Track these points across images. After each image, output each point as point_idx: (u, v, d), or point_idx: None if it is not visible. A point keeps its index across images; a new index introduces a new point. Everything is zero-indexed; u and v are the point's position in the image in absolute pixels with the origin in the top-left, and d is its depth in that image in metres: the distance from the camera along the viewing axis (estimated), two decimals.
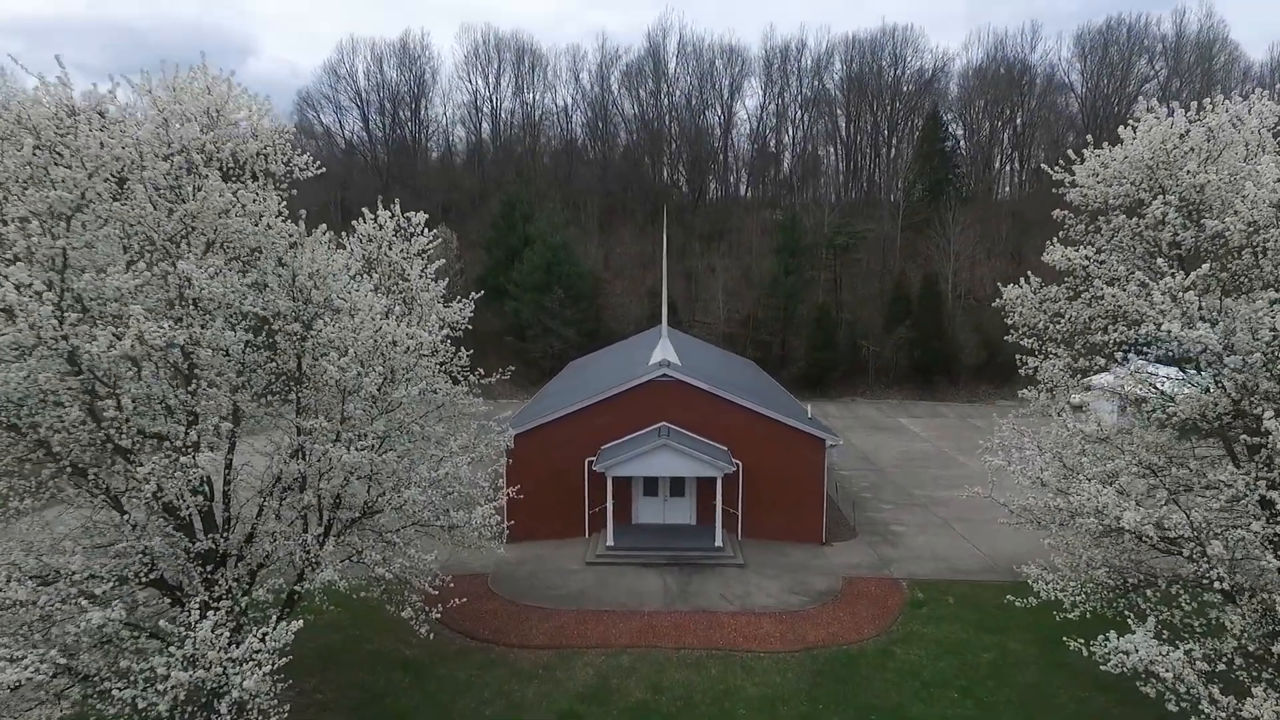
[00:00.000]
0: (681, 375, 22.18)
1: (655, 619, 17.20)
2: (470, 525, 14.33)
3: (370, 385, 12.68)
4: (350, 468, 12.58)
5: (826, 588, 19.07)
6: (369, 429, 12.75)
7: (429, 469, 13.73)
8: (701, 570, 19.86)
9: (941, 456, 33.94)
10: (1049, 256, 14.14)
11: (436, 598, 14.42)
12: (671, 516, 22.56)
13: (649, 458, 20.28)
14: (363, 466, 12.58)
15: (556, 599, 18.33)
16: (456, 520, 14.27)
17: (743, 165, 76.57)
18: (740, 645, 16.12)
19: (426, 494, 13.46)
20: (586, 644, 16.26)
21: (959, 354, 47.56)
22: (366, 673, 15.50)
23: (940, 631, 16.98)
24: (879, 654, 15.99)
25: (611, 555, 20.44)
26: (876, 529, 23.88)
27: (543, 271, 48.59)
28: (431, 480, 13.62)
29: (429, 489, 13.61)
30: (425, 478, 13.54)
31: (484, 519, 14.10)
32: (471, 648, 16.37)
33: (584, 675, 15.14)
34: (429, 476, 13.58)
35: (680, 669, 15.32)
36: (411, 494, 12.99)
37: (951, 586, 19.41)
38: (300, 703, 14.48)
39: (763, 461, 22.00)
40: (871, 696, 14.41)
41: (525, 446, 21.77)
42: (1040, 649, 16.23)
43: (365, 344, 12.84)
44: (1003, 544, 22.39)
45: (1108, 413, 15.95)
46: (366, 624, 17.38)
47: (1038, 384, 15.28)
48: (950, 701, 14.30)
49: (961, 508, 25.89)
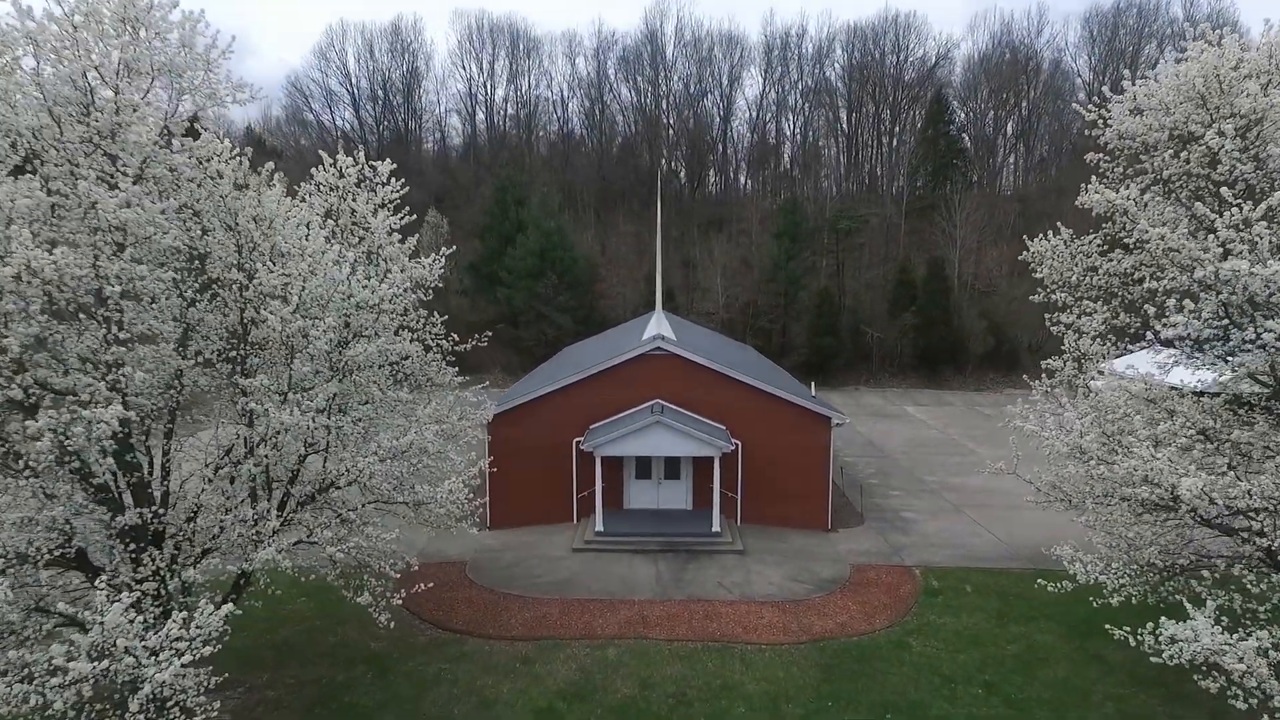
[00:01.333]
0: (676, 348, 20.67)
1: (646, 608, 15.69)
2: (437, 502, 12.85)
3: (321, 341, 11.19)
4: (302, 435, 11.12)
5: (833, 575, 17.56)
6: (319, 389, 11.23)
7: (390, 438, 12.21)
8: (697, 557, 18.35)
9: (951, 443, 32.44)
10: (1085, 199, 12.58)
11: (400, 582, 12.92)
12: (666, 501, 21.04)
13: (641, 436, 18.77)
14: (311, 432, 11.10)
15: (539, 587, 16.82)
16: (421, 495, 12.78)
17: (742, 157, 75.09)
18: (739, 636, 14.61)
19: (386, 465, 11.95)
20: (570, 635, 14.75)
21: (966, 341, 46.02)
22: (326, 667, 13.99)
23: (959, 622, 15.48)
24: (893, 646, 14.48)
25: (600, 541, 18.93)
26: (885, 516, 22.37)
27: (536, 257, 47.05)
28: (393, 450, 12.11)
29: (390, 460, 12.10)
30: (386, 447, 12.04)
31: (451, 494, 12.61)
32: (443, 639, 14.87)
33: (566, 669, 13.64)
34: (390, 446, 12.07)
35: (672, 662, 13.81)
36: (367, 463, 11.48)
37: (969, 574, 17.91)
38: (248, 700, 13.00)
39: (764, 442, 20.48)
40: (887, 693, 12.91)
41: (508, 426, 20.27)
42: (1070, 641, 14.74)
43: (314, 294, 11.36)
44: (1022, 531, 20.91)
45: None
46: (331, 616, 15.91)
47: (1063, 354, 13.79)
48: (975, 699, 12.79)
49: (975, 494, 24.45)
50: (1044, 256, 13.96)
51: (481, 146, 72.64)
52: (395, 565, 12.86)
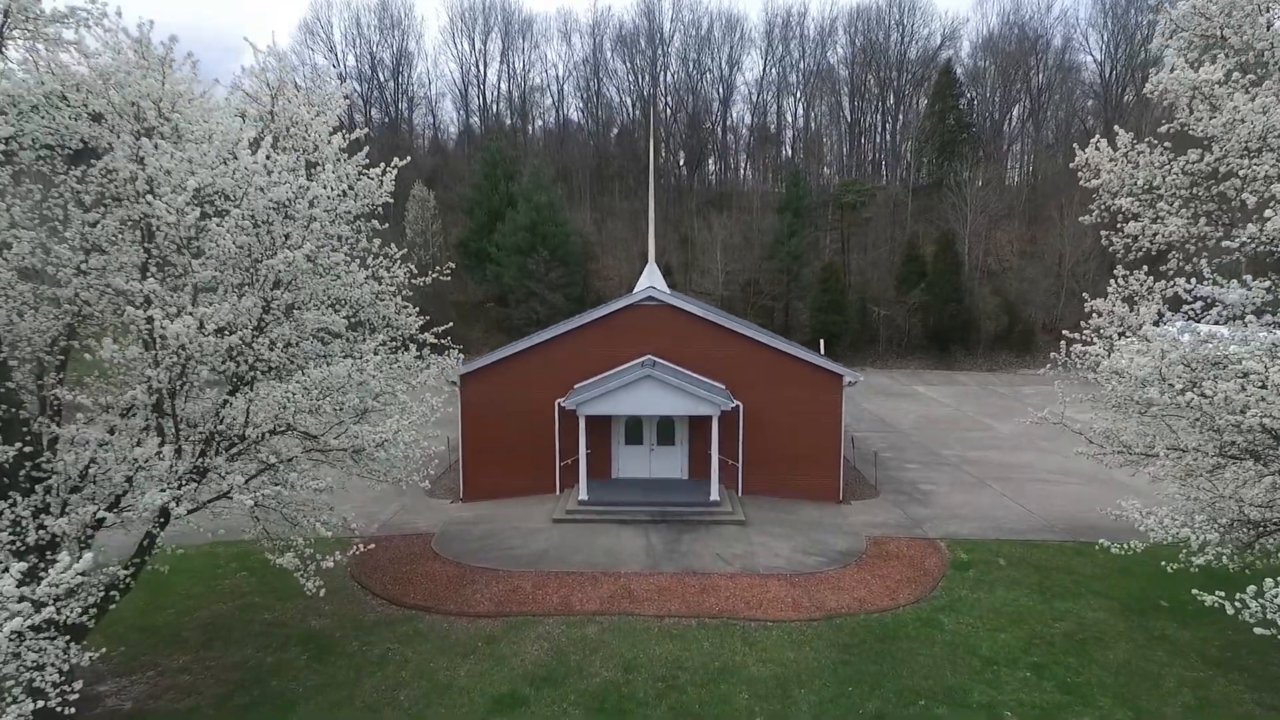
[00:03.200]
0: (670, 298, 18.56)
1: (633, 582, 13.57)
2: (380, 445, 10.72)
3: (227, 240, 9.06)
4: (207, 359, 9.01)
5: (847, 548, 15.45)
6: (228, 304, 9.08)
7: (317, 369, 10.08)
8: (694, 528, 16.23)
9: (966, 420, 30.32)
10: (1157, 83, 10.42)
11: (335, 545, 10.83)
12: (659, 469, 18.92)
13: (630, 392, 16.64)
14: (220, 357, 8.99)
15: (512, 560, 14.70)
16: (361, 438, 10.63)
17: (742, 145, 72.77)
18: (741, 612, 12.51)
19: (310, 398, 9.82)
20: (543, 611, 12.65)
21: (977, 320, 43.87)
22: (256, 648, 11.88)
23: (995, 598, 13.37)
24: (922, 624, 12.37)
25: (584, 511, 16.80)
26: (902, 488, 20.26)
27: (527, 231, 44.88)
28: (321, 383, 9.97)
29: (316, 394, 9.96)
30: (315, 379, 9.91)
31: (395, 434, 10.48)
32: (395, 617, 12.76)
33: (536, 649, 11.52)
34: (320, 378, 9.94)
35: (662, 641, 11.70)
36: (280, 391, 9.36)
37: (1000, 547, 15.81)
38: (156, 685, 10.89)
39: (768, 403, 18.37)
40: (918, 676, 10.79)
41: (482, 386, 18.19)
42: (1125, 619, 12.64)
43: (221, 186, 9.22)
44: (1054, 503, 18.85)
45: None
46: (273, 591, 13.83)
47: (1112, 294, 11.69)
48: (1023, 683, 10.67)
49: (997, 468, 22.36)
50: (1100, 164, 11.82)
51: (474, 125, 70.48)
52: (328, 522, 10.77)
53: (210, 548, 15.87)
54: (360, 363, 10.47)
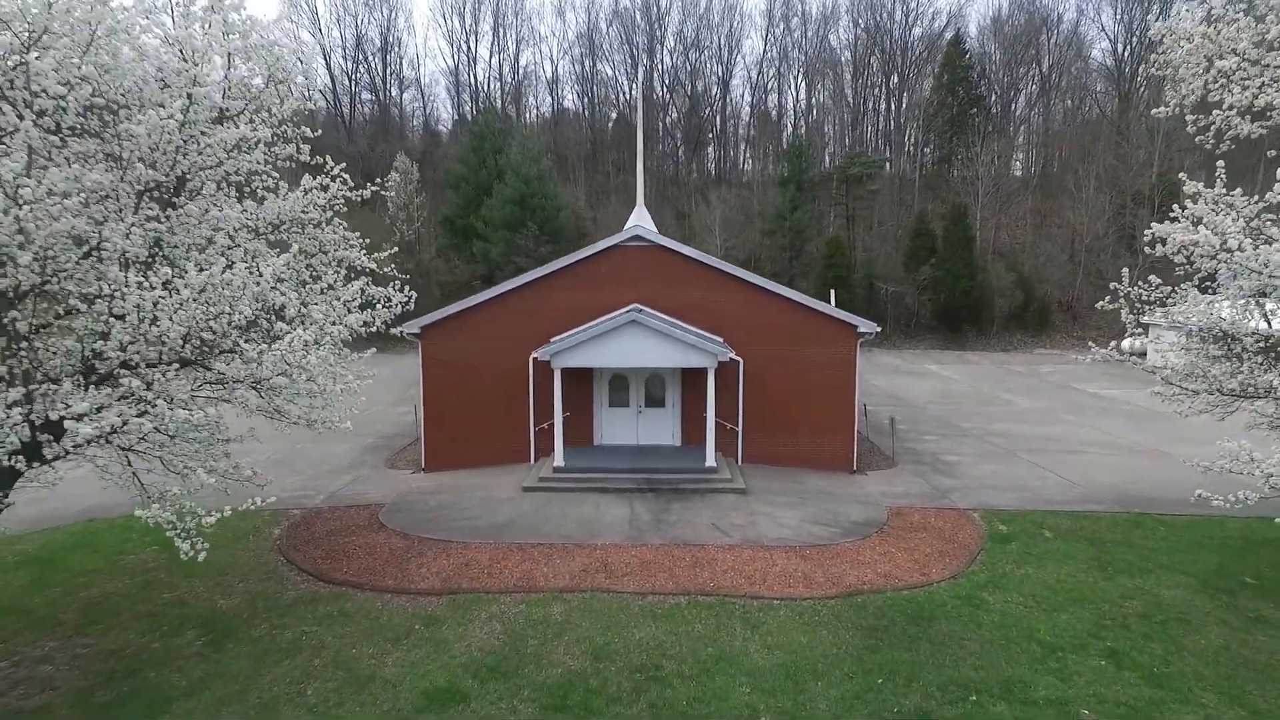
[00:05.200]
0: (660, 239, 16.29)
1: (611, 554, 11.31)
2: (287, 375, 8.44)
3: (51, 79, 6.79)
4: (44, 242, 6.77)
5: (866, 518, 13.19)
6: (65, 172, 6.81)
7: (199, 269, 7.81)
8: (686, 496, 13.97)
9: (983, 396, 28.04)
10: None
11: (269, 518, 8.57)
12: (648, 435, 16.66)
13: (612, 341, 14.37)
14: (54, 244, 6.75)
15: (470, 531, 12.44)
16: (260, 364, 8.33)
17: (741, 129, 70.25)
18: (741, 589, 10.24)
19: (188, 310, 7.52)
20: (499, 588, 10.39)
21: (990, 297, 41.55)
22: (142, 632, 9.62)
23: (1047, 573, 11.11)
24: (962, 603, 10.11)
25: (559, 479, 14.53)
26: (921, 458, 18.00)
27: (515, 205, 42.56)
28: (202, 290, 7.68)
29: (194, 303, 7.67)
30: (195, 283, 7.61)
31: (297, 352, 8.18)
32: (319, 594, 10.50)
33: (485, 633, 9.27)
34: (199, 281, 7.64)
35: (643, 623, 9.44)
36: (145, 299, 7.09)
37: (1044, 518, 13.56)
38: (8, 679, 8.63)
39: (772, 359, 16.11)
40: (964, 666, 8.53)
41: (446, 341, 15.97)
42: (1210, 597, 10.38)
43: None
44: (1096, 473, 16.62)
45: None
46: (182, 567, 11.53)
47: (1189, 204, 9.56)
48: (1098, 674, 8.41)
49: (1025, 440, 20.10)
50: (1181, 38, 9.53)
51: (465, 106, 68.09)
52: (218, 468, 8.53)
53: (127, 520, 13.64)
54: (258, 264, 8.22)
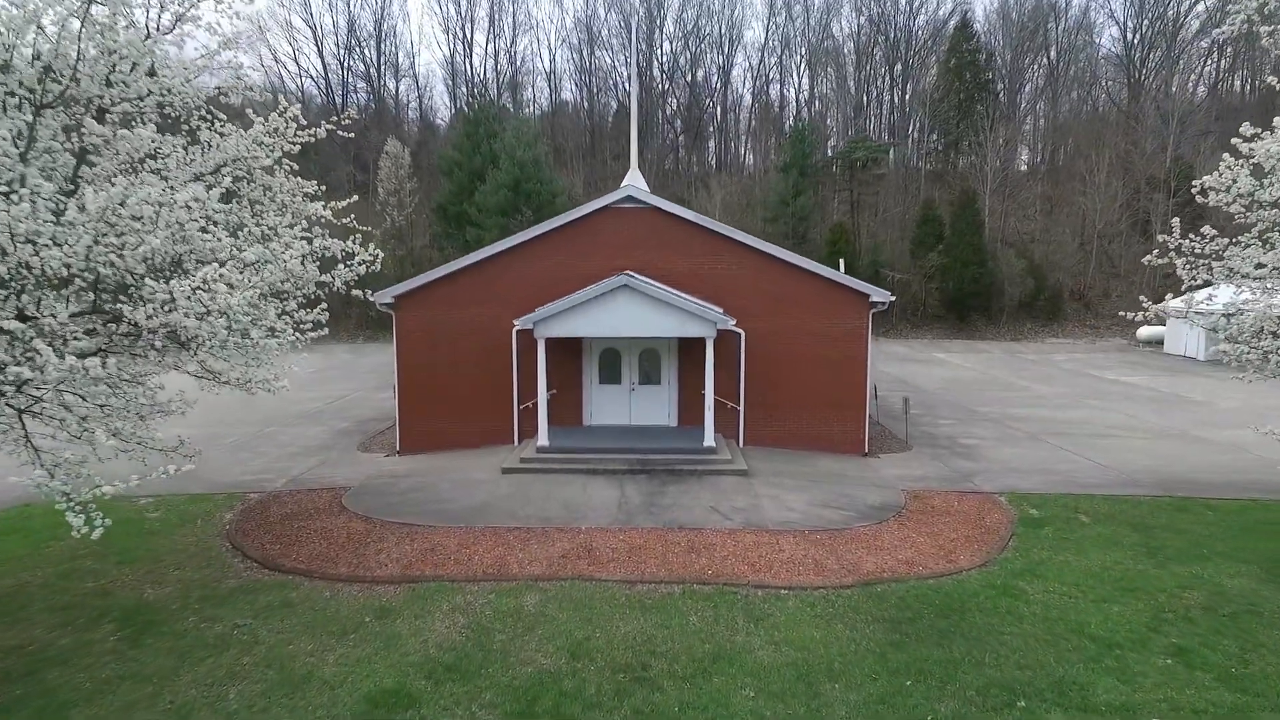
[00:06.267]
0: (654, 199, 14.99)
1: (596, 538, 10.01)
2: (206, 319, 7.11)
3: None
4: None
5: (881, 501, 11.89)
6: None
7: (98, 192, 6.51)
8: (682, 478, 12.67)
9: (998, 382, 26.71)
10: None
11: (222, 502, 7.27)
12: (642, 415, 15.36)
13: (602, 308, 13.07)
14: None
15: (438, 515, 11.15)
16: (172, 304, 7.02)
17: (743, 119, 68.83)
18: (743, 576, 8.95)
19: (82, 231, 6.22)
20: (466, 575, 9.10)
21: (1000, 285, 40.19)
22: (52, 626, 8.34)
23: (1090, 561, 9.81)
24: (998, 593, 8.81)
25: (543, 460, 13.24)
26: (938, 442, 16.70)
27: (509, 190, 41.25)
28: (102, 210, 6.38)
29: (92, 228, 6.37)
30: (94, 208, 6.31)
31: (244, 304, 6.87)
32: (264, 583, 9.21)
33: (445, 627, 7.98)
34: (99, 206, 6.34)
35: (630, 615, 8.15)
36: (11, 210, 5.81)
37: (1079, 501, 12.25)
38: None
39: (777, 332, 14.82)
40: (1008, 665, 7.23)
41: (423, 312, 14.72)
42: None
43: None
44: (1130, 457, 15.32)
45: None
46: (116, 554, 10.39)
47: None
48: (1166, 674, 7.11)
49: (1048, 424, 18.80)
50: None
51: (460, 96, 66.74)
52: (117, 429, 7.24)
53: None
54: (171, 184, 6.94)
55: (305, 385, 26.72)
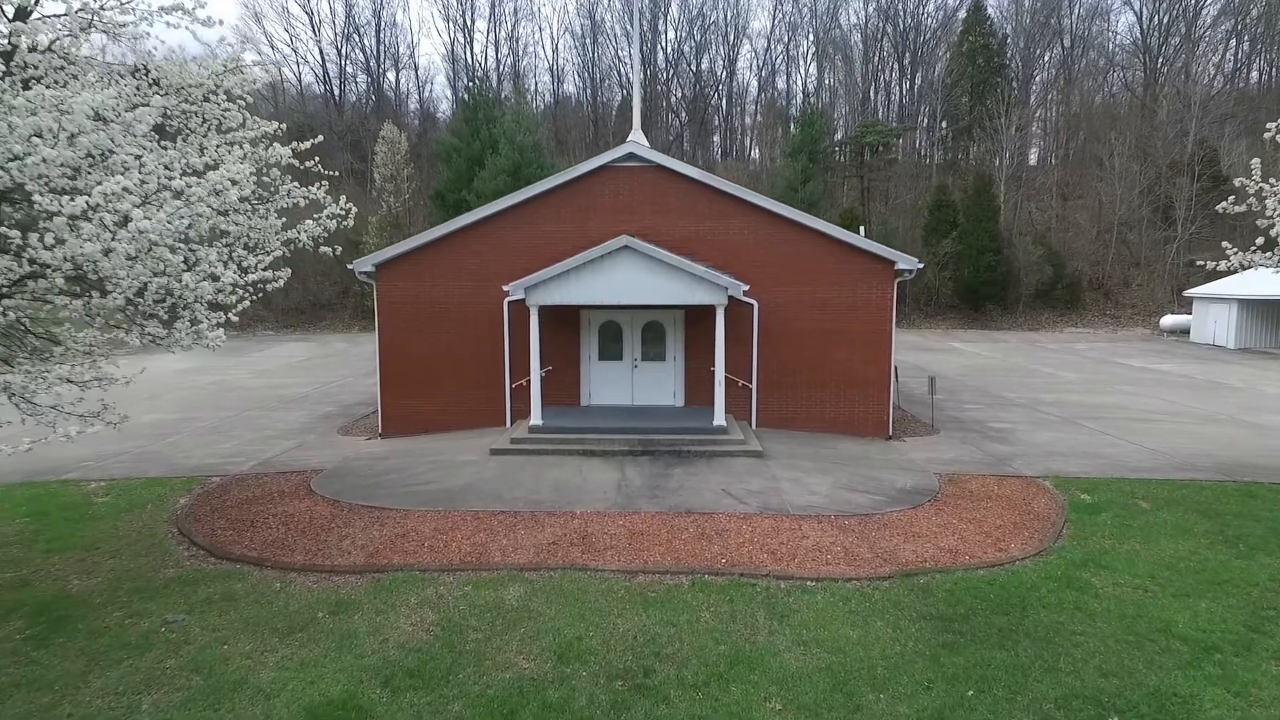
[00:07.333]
0: (659, 157, 13.73)
1: (593, 523, 8.75)
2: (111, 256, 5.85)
3: None
4: None
5: (914, 485, 10.60)
6: None
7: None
8: (689, 460, 11.40)
9: (1021, 369, 25.37)
10: None
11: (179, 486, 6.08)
12: (645, 394, 14.09)
13: (601, 272, 11.82)
14: None
15: (414, 498, 9.90)
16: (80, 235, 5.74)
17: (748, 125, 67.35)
18: (762, 566, 7.67)
19: None
20: (440, 564, 7.85)
21: (1017, 273, 38.76)
22: None
23: (1161, 550, 8.52)
24: (1061, 586, 7.52)
25: (536, 440, 11.98)
26: (967, 426, 15.42)
27: (508, 175, 39.93)
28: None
29: None
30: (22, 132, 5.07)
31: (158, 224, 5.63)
32: (207, 573, 7.98)
33: (410, 623, 6.73)
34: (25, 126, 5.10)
35: (629, 611, 6.89)
36: None
37: (1134, 486, 10.95)
38: None
39: (792, 303, 13.56)
40: (1089, 672, 5.95)
41: (406, 283, 13.50)
42: None
43: None
44: (1182, 441, 14.01)
45: None
46: (50, 540, 9.23)
47: None
48: None
49: (1082, 409, 17.49)
50: None
51: (460, 87, 65.47)
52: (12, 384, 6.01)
53: (6, 489, 11.23)
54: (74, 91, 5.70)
55: (293, 370, 25.56)
